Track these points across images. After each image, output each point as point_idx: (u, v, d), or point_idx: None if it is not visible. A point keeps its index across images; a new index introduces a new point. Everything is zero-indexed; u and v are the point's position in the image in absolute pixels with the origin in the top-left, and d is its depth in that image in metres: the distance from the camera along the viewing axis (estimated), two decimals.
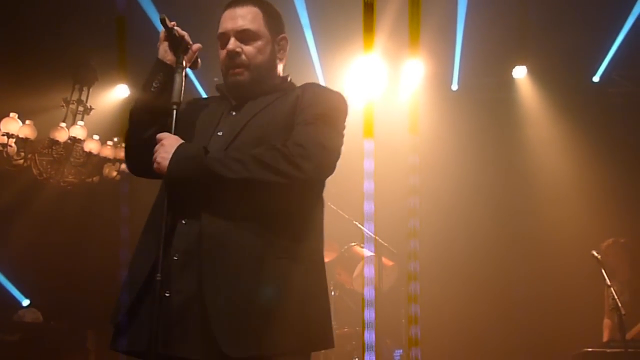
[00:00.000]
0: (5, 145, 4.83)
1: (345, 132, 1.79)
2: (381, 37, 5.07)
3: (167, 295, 1.55)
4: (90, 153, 5.12)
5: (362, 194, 4.83)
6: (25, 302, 5.67)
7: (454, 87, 5.88)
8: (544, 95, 5.71)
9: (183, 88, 1.72)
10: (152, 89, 1.74)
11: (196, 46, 1.79)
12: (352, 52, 5.48)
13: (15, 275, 5.71)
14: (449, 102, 5.86)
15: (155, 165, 1.62)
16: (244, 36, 1.78)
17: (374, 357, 3.30)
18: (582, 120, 5.50)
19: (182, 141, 1.63)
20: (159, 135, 1.66)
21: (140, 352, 1.60)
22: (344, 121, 1.79)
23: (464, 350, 5.13)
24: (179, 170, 1.58)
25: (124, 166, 5.41)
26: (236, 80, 1.79)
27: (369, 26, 4.72)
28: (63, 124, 5.07)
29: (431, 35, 5.09)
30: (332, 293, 4.37)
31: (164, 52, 1.77)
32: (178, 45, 1.75)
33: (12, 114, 4.89)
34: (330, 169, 1.68)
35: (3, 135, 4.82)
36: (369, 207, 4.87)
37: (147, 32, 5.22)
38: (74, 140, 5.02)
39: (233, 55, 1.77)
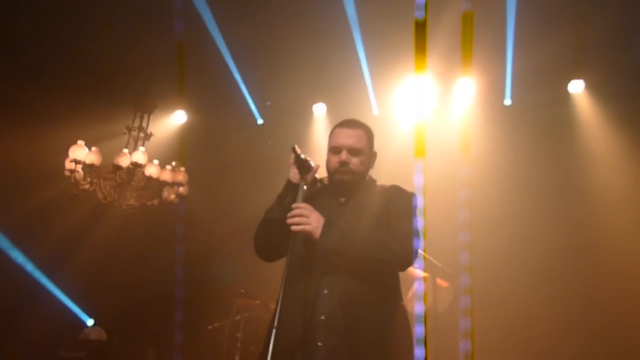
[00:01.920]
0: (73, 171, 5.08)
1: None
2: (432, 57, 5.06)
3: (319, 344, 2.12)
4: (150, 177, 5.29)
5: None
6: (90, 322, 5.90)
7: (507, 102, 5.78)
8: (603, 110, 5.51)
9: (303, 196, 2.31)
10: (286, 203, 2.31)
11: (316, 166, 2.40)
12: (403, 72, 5.51)
13: (81, 296, 5.96)
14: (503, 117, 5.76)
15: (299, 227, 2.18)
16: (354, 151, 2.41)
17: None
18: None
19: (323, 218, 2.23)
20: (301, 204, 2.23)
21: None
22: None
23: None
24: (329, 239, 2.18)
25: (182, 189, 5.59)
26: (342, 180, 2.40)
27: (420, 46, 4.73)
28: (125, 150, 5.29)
29: (482, 52, 5.05)
30: None
31: (294, 173, 2.36)
32: (303, 167, 2.35)
33: (79, 142, 5.15)
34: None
35: (71, 161, 5.08)
36: (419, 223, 4.83)
37: (205, 60, 5.48)
38: (136, 165, 5.21)
39: (344, 164, 2.39)
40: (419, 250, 4.48)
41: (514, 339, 4.96)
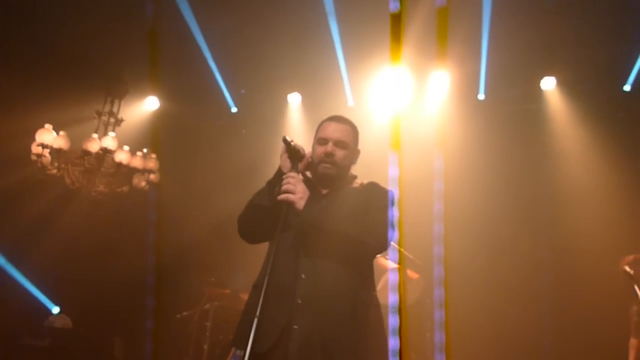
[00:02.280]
0: (39, 156, 4.95)
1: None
2: (407, 49, 5.07)
3: (294, 327, 2.21)
4: (120, 163, 5.18)
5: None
6: (55, 310, 5.78)
7: (481, 96, 5.84)
8: (574, 107, 5.62)
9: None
10: (275, 192, 2.34)
11: (308, 155, 2.49)
12: (378, 63, 5.50)
13: (46, 283, 5.83)
14: (476, 111, 5.82)
15: (284, 196, 2.26)
16: (340, 144, 2.50)
17: None
18: (614, 130, 5.39)
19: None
20: (291, 174, 2.32)
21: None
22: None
23: (491, 357, 5.06)
24: (310, 211, 2.26)
25: (152, 176, 5.50)
26: (326, 173, 2.48)
27: (396, 38, 4.73)
28: (95, 135, 5.16)
29: (457, 46, 5.08)
30: None
31: (285, 161, 2.43)
32: (294, 155, 2.41)
33: (47, 125, 5.01)
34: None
35: (38, 145, 4.95)
36: (395, 215, 4.85)
37: (179, 46, 5.38)
38: (105, 151, 5.09)
39: (330, 154, 2.47)
40: (392, 243, 4.52)
41: (484, 331, 5.05)
